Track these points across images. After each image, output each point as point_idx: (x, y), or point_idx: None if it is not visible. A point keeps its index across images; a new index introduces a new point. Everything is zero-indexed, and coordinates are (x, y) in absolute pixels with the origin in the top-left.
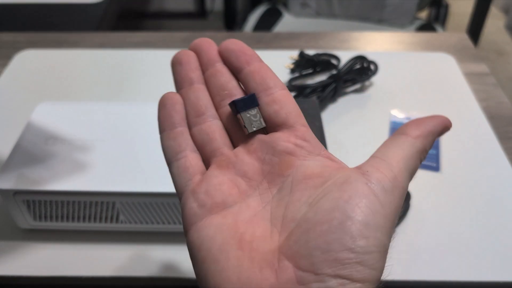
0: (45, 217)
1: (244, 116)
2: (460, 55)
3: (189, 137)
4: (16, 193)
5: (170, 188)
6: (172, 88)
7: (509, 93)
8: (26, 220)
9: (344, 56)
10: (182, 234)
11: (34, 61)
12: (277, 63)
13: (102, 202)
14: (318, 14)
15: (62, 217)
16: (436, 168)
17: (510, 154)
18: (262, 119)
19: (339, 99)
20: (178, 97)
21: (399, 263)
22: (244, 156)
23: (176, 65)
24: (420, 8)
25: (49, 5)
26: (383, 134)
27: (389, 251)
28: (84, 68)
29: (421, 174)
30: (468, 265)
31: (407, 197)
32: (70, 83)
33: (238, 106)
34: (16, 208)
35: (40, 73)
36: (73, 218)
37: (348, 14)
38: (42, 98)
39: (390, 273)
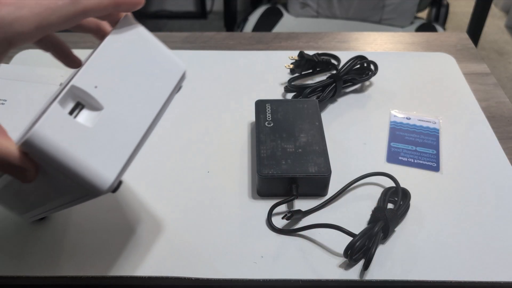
0: None
1: None
2: (460, 55)
3: None
4: None
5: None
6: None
7: (509, 93)
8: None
9: (344, 56)
10: (182, 234)
11: (34, 61)
12: (277, 63)
13: None
14: (318, 14)
15: None
16: (436, 168)
17: (510, 154)
18: None
19: (339, 99)
20: None
21: (399, 263)
22: None
23: None
24: (420, 8)
25: None
26: (383, 134)
27: (389, 250)
28: None
29: (421, 174)
30: (468, 265)
31: (407, 196)
32: None
33: None
34: None
35: None
36: None
37: (348, 14)
38: None
39: (390, 273)
